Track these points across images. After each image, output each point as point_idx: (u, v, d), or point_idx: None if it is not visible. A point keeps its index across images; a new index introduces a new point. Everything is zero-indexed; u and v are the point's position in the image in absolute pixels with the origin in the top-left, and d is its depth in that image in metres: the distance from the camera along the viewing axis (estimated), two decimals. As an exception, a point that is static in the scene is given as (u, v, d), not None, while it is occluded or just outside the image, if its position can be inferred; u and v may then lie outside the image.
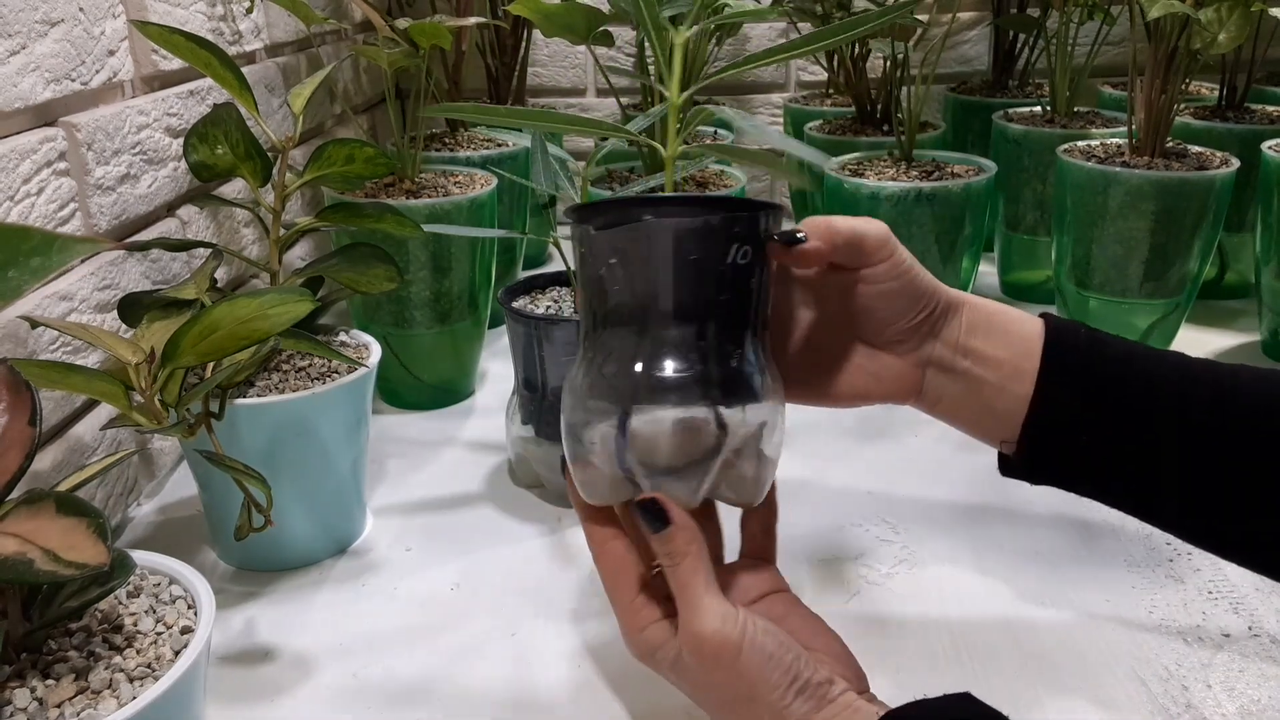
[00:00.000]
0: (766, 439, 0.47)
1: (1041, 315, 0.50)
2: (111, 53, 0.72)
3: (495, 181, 0.93)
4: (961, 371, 0.49)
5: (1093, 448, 0.48)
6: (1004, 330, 0.49)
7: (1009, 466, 0.51)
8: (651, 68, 0.95)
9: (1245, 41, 0.93)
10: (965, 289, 0.98)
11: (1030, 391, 0.48)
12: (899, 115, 1.03)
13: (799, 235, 0.46)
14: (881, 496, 0.77)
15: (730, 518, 0.52)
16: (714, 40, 1.05)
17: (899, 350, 0.50)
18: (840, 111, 1.26)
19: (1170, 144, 0.96)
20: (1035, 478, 0.50)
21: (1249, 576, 0.66)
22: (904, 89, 1.03)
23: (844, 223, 0.47)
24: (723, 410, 0.45)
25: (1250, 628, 0.61)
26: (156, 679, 0.43)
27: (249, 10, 0.93)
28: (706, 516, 0.51)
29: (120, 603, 0.48)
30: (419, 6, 1.25)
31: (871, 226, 0.48)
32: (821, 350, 0.51)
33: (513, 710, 0.56)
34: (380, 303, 0.88)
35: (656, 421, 0.45)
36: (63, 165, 0.66)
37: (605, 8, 0.90)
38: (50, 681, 0.43)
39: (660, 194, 0.48)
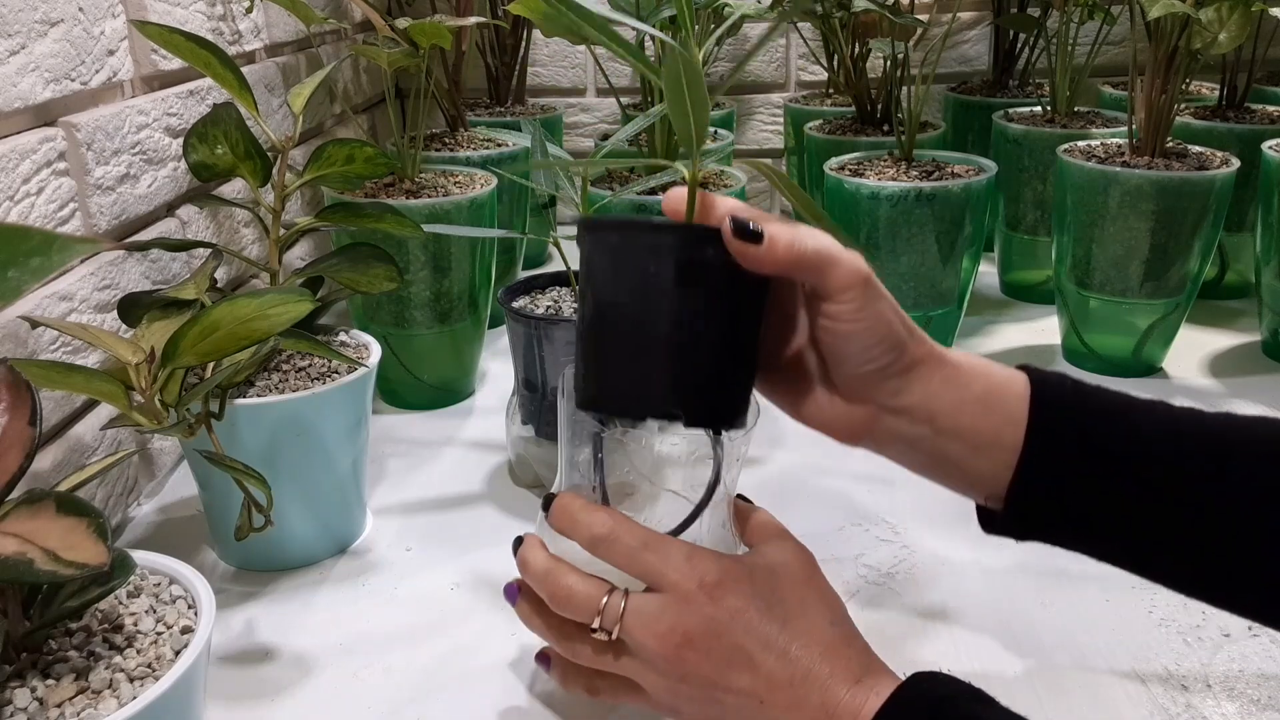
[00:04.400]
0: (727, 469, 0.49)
1: (1022, 368, 0.49)
2: (111, 52, 0.72)
3: (495, 181, 0.92)
4: (924, 435, 0.48)
5: (1083, 508, 0.47)
6: (983, 395, 0.47)
7: (990, 526, 0.50)
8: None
9: (1246, 41, 0.93)
10: (965, 289, 0.98)
11: (1013, 459, 0.47)
12: (899, 115, 1.03)
13: (754, 230, 0.44)
14: (881, 496, 0.77)
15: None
16: (714, 40, 1.05)
17: (846, 392, 0.48)
18: (840, 111, 1.26)
19: (1171, 144, 0.96)
20: (1022, 537, 0.49)
21: (1249, 576, 0.66)
22: (904, 89, 1.03)
23: (814, 241, 0.44)
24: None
25: (1250, 628, 0.61)
26: (157, 679, 0.43)
27: (248, 10, 0.93)
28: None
29: (120, 603, 0.48)
30: (419, 6, 1.25)
31: (846, 263, 0.45)
32: (791, 360, 0.50)
33: (512, 710, 0.56)
34: (380, 303, 0.88)
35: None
36: (62, 165, 0.66)
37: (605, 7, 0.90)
38: (50, 681, 0.43)
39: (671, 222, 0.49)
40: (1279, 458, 0.46)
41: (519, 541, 0.52)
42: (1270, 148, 0.96)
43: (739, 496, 0.55)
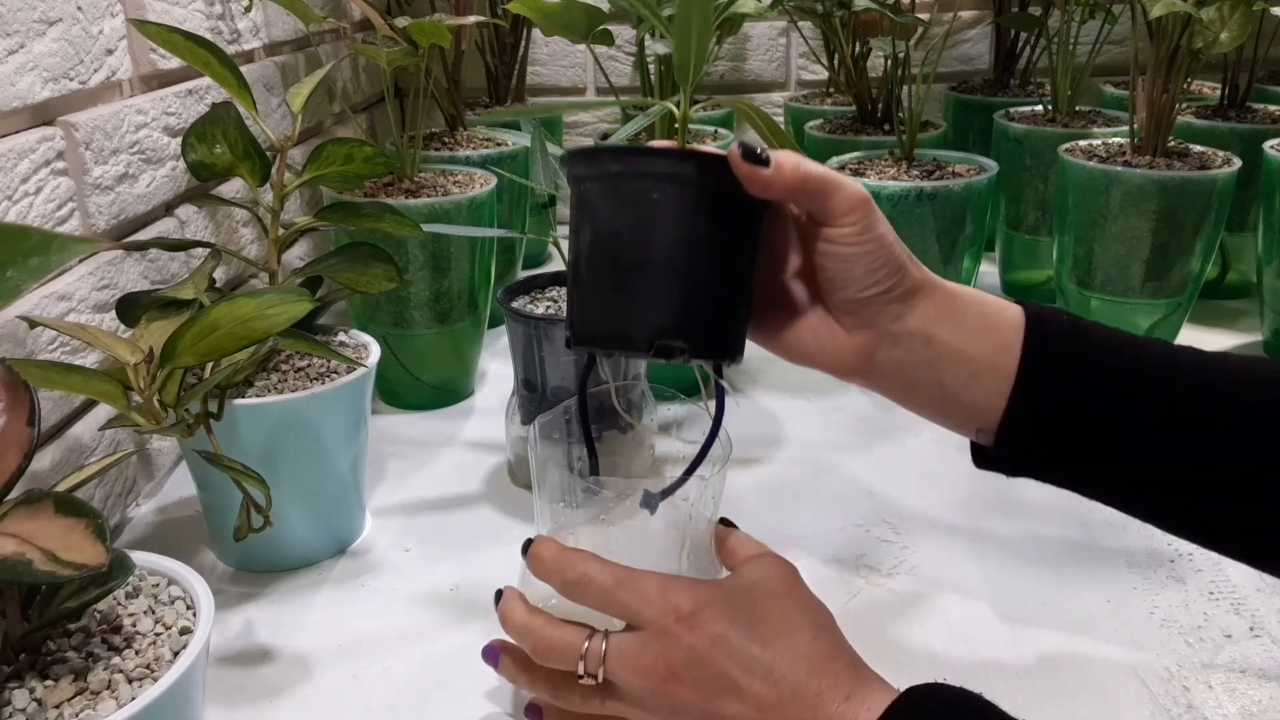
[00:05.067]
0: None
1: (1020, 303, 0.49)
2: (110, 52, 0.72)
3: (495, 181, 0.92)
4: (923, 359, 0.48)
5: (1076, 441, 0.47)
6: (980, 322, 0.48)
7: (982, 460, 0.49)
8: (651, 66, 0.94)
9: (1247, 40, 0.93)
10: (966, 288, 0.98)
11: (1008, 387, 0.47)
12: (900, 114, 1.03)
13: (760, 153, 0.45)
14: (881, 496, 0.76)
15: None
16: (714, 40, 1.05)
17: (848, 322, 0.48)
18: (841, 110, 1.26)
19: (1172, 143, 0.96)
20: (1014, 471, 0.49)
21: (1250, 577, 0.66)
22: (905, 88, 1.03)
23: (817, 168, 0.46)
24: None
25: (1252, 628, 0.61)
26: (155, 680, 0.42)
27: (247, 9, 0.93)
28: None
29: (119, 603, 0.48)
30: (418, 5, 1.25)
31: (848, 186, 0.46)
32: (781, 294, 0.50)
33: (512, 710, 0.56)
34: (379, 302, 0.88)
35: None
36: (61, 165, 0.65)
37: (605, 7, 0.90)
38: (49, 682, 0.43)
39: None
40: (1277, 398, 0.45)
41: (499, 595, 0.52)
42: (1272, 147, 0.96)
43: (721, 520, 0.55)
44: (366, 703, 0.57)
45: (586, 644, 0.47)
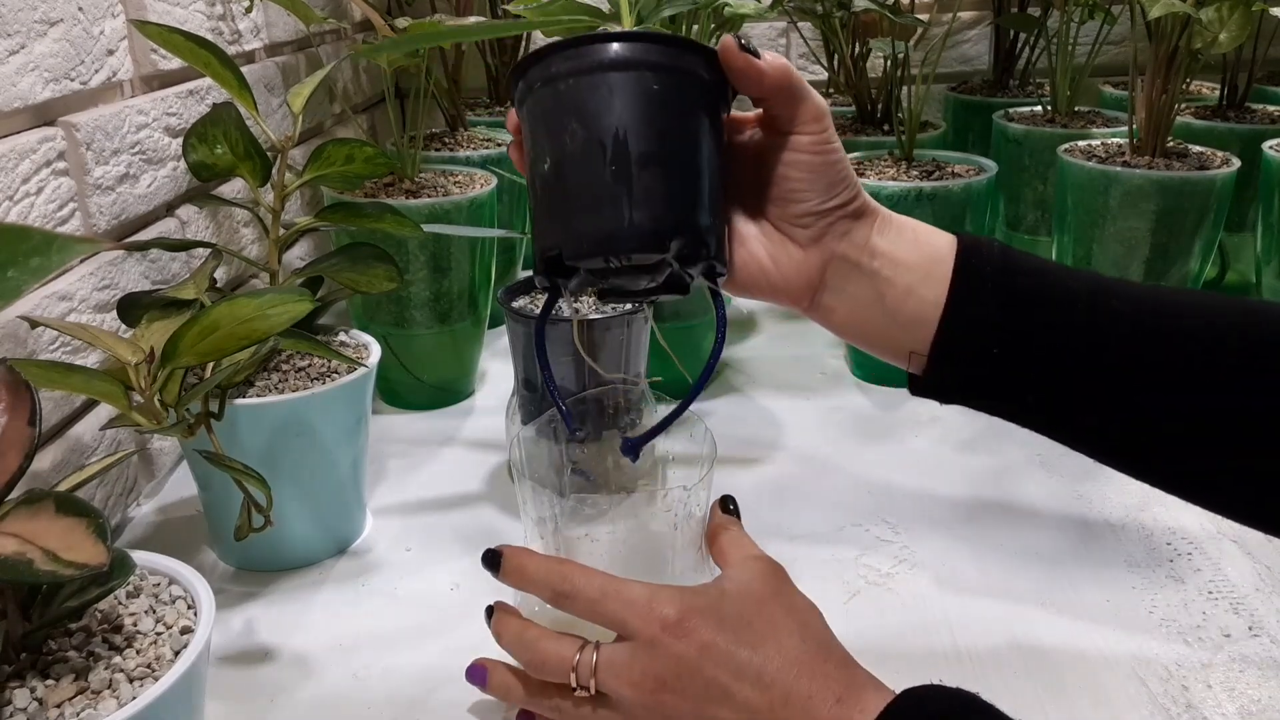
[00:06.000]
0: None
1: (954, 233, 0.49)
2: (111, 52, 0.72)
3: (495, 181, 0.92)
4: (868, 272, 0.48)
5: (1006, 362, 0.47)
6: (914, 237, 0.48)
7: (918, 385, 0.49)
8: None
9: (1246, 41, 0.93)
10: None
11: (941, 298, 0.47)
12: (899, 115, 1.03)
13: (753, 48, 0.45)
14: (881, 496, 0.76)
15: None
16: (714, 40, 1.05)
17: (802, 237, 0.48)
18: (840, 111, 1.26)
19: (1171, 144, 0.96)
20: (946, 396, 0.49)
21: (1249, 577, 0.66)
22: (904, 88, 1.03)
23: (795, 72, 0.46)
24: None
25: (1250, 628, 0.61)
26: (156, 679, 0.43)
27: (248, 10, 0.93)
28: None
29: (120, 603, 0.48)
30: (418, 6, 1.25)
31: (814, 95, 0.47)
32: (734, 215, 0.49)
33: (513, 711, 0.56)
34: (380, 302, 0.88)
35: None
36: (62, 165, 0.66)
37: (605, 7, 0.90)
38: (50, 682, 0.43)
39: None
40: (1208, 326, 0.45)
41: (490, 612, 0.53)
42: (1271, 147, 0.96)
43: (724, 499, 0.55)
44: (367, 702, 0.57)
45: (578, 656, 0.47)
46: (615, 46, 0.43)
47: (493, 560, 0.51)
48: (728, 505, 0.55)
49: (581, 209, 0.44)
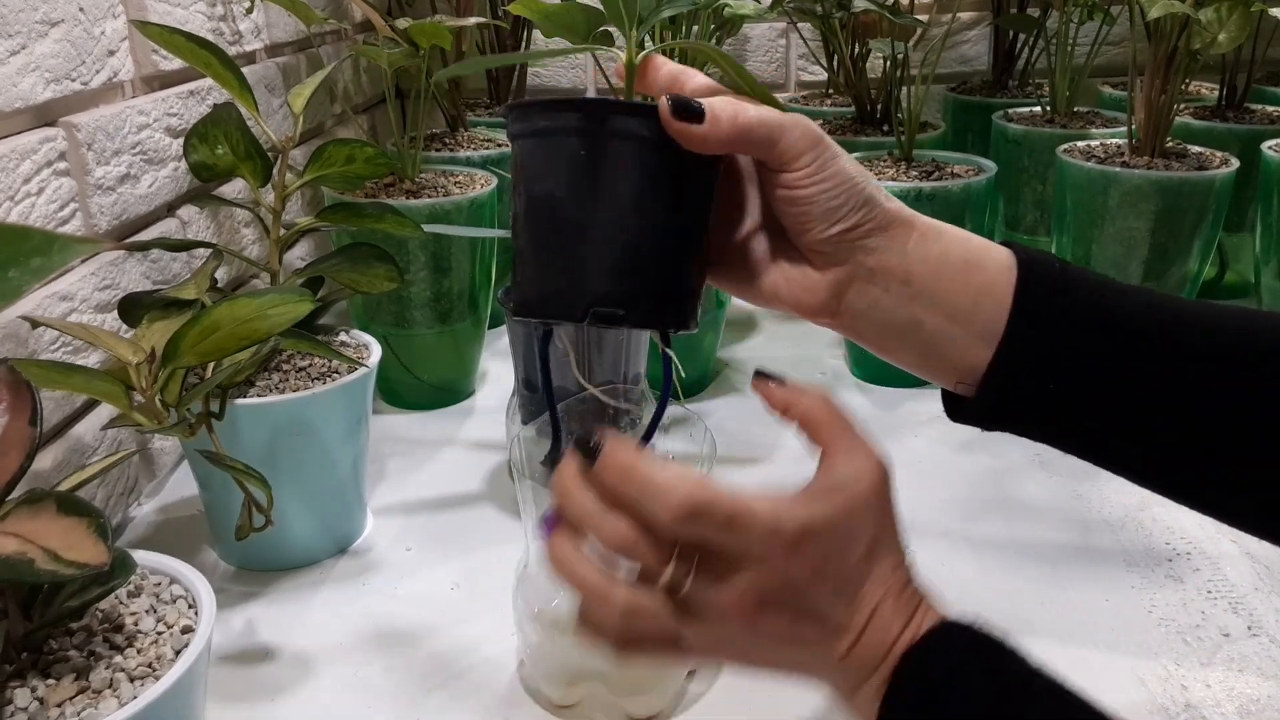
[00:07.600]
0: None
1: (1006, 244, 0.46)
2: (112, 53, 0.72)
3: (495, 181, 0.93)
4: (903, 300, 0.45)
5: (1063, 395, 0.44)
6: (963, 261, 0.45)
7: (959, 411, 0.47)
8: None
9: (1245, 41, 0.93)
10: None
11: (989, 334, 0.44)
12: (899, 115, 1.03)
13: (695, 107, 0.42)
14: (881, 496, 0.76)
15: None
16: (714, 40, 1.05)
17: (819, 261, 0.46)
18: (840, 111, 1.26)
19: (1170, 144, 0.96)
20: (992, 425, 0.46)
21: (1248, 576, 0.66)
22: (904, 89, 1.03)
23: (758, 113, 0.42)
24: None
25: (1249, 627, 0.61)
26: (157, 678, 0.43)
27: (249, 10, 0.93)
28: None
29: (121, 602, 0.48)
30: (419, 6, 1.25)
31: (795, 129, 0.43)
32: (747, 242, 0.48)
33: (513, 710, 0.56)
34: (380, 303, 0.88)
35: None
36: (63, 165, 0.66)
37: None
38: (51, 681, 0.43)
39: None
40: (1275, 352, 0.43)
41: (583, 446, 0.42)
42: (1270, 148, 0.96)
43: (762, 372, 0.48)
44: (367, 701, 0.57)
45: (676, 550, 0.41)
46: (541, 113, 0.43)
47: (589, 448, 0.41)
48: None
49: (522, 267, 0.45)
